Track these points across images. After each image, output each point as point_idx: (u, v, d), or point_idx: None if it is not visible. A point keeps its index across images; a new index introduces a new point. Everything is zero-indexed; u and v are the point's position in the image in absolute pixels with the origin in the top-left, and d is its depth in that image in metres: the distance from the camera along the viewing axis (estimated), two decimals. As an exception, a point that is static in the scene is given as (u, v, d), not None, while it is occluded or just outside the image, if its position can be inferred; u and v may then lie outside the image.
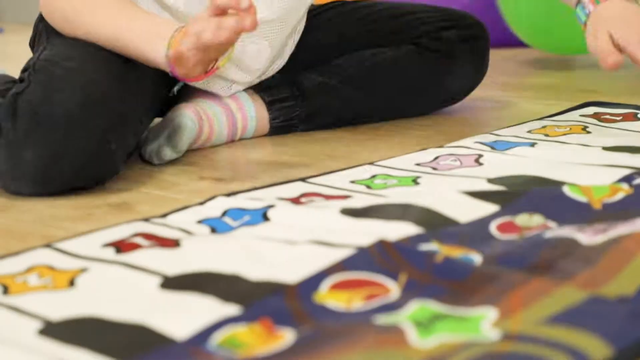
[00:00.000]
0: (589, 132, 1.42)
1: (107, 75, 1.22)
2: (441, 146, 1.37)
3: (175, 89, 1.45)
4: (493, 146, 1.35)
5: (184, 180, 1.26)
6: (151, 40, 1.24)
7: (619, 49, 1.32)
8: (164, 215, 1.07)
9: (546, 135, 1.41)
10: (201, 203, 1.11)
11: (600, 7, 1.37)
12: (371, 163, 1.29)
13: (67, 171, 1.17)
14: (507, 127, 1.49)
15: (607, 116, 1.53)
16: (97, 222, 1.07)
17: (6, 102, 1.17)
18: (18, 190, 1.19)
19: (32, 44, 1.46)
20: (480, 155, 1.29)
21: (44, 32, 1.40)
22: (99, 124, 1.17)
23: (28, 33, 1.48)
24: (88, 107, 1.16)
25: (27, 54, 1.50)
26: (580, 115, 1.54)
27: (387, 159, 1.31)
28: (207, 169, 1.33)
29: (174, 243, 0.95)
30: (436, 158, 1.30)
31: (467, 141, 1.39)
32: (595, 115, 1.54)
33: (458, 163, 1.26)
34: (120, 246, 0.95)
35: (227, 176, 1.28)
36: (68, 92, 1.17)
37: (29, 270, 0.89)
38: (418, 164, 1.27)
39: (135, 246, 0.94)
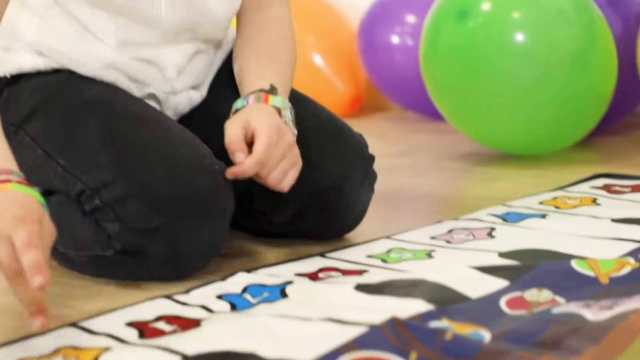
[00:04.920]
0: (598, 204, 1.45)
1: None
2: (456, 218, 1.40)
3: None
4: (505, 218, 1.39)
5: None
6: None
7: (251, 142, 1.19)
8: (187, 291, 1.10)
9: (557, 207, 1.45)
10: (222, 279, 1.14)
11: (257, 105, 1.23)
12: (388, 237, 1.33)
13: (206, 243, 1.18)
14: (519, 198, 1.52)
15: (617, 187, 1.56)
16: (107, 300, 1.11)
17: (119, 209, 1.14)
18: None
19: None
20: (492, 229, 1.33)
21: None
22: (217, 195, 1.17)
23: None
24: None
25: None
26: (591, 187, 1.58)
27: (403, 233, 1.34)
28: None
29: (195, 323, 0.98)
30: (450, 231, 1.34)
31: (481, 213, 1.42)
32: (605, 187, 1.57)
33: (471, 237, 1.30)
34: (144, 329, 0.98)
35: (231, 251, 1.30)
36: (162, 170, 1.15)
37: (55, 352, 0.93)
38: (433, 237, 1.31)
39: (159, 333, 0.97)
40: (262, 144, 1.17)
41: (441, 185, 1.77)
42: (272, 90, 1.25)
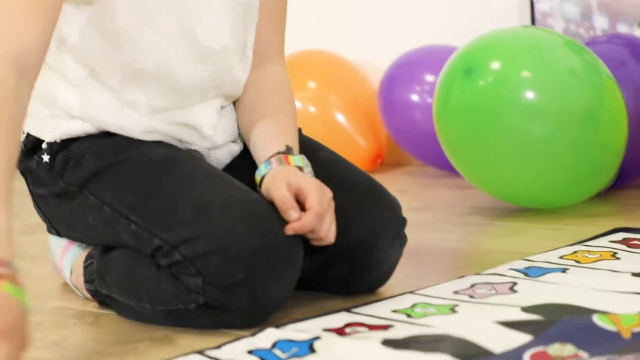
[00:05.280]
0: (618, 259, 1.48)
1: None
2: (478, 273, 1.43)
3: None
4: (527, 272, 1.42)
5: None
6: None
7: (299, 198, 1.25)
8: (218, 347, 1.14)
9: (577, 261, 1.48)
10: (253, 334, 1.18)
11: (284, 167, 1.28)
12: (412, 292, 1.36)
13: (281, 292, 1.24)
14: (540, 252, 1.55)
15: (636, 241, 1.59)
16: (141, 357, 1.14)
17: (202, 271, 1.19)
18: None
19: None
20: (514, 283, 1.36)
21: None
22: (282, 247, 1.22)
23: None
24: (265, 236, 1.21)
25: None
26: (610, 242, 1.60)
27: (427, 288, 1.37)
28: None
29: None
30: (473, 286, 1.36)
31: (502, 268, 1.45)
32: (624, 241, 1.60)
33: (494, 291, 1.33)
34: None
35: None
36: (243, 226, 1.19)
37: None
38: (456, 292, 1.34)
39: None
40: (316, 198, 1.23)
41: (462, 239, 1.80)
42: (289, 151, 1.31)
